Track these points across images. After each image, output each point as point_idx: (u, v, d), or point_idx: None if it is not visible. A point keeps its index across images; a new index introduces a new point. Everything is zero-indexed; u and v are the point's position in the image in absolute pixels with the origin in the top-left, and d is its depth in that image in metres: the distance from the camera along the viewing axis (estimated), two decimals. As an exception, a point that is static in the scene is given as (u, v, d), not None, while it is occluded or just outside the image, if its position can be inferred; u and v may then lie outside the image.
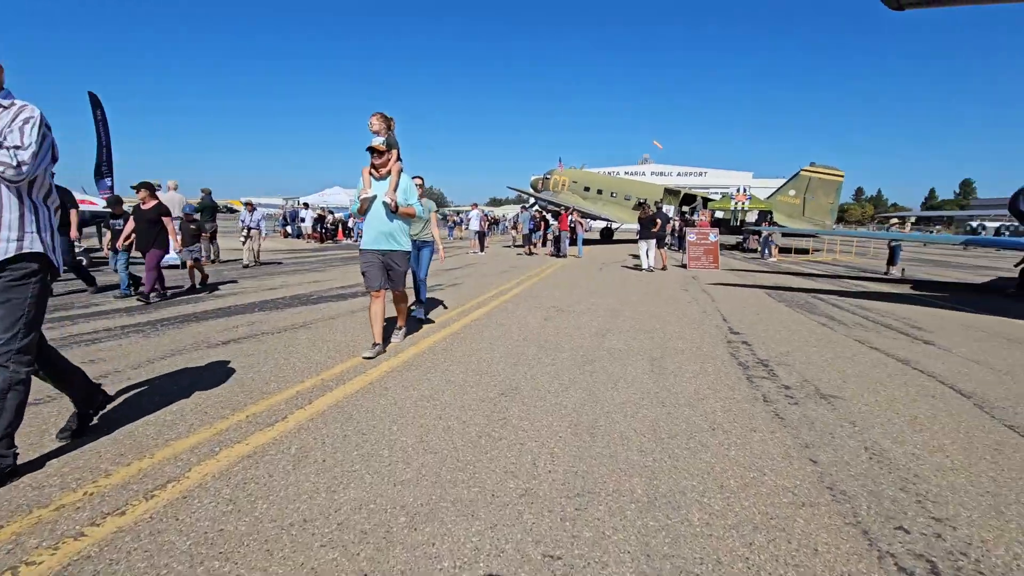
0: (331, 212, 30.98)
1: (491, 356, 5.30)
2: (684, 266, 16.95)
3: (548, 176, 36.75)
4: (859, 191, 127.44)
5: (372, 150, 5.08)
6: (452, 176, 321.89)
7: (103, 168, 15.57)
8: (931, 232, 53.81)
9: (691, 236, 17.10)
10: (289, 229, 31.42)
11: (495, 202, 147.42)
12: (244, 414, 3.54)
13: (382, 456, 2.99)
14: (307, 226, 28.51)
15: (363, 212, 5.20)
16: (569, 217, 20.32)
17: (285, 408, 3.68)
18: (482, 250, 20.72)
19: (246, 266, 13.50)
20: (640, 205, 34.07)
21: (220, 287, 9.78)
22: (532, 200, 35.82)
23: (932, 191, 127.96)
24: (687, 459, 3.06)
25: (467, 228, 21.25)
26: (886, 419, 3.81)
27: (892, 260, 16.27)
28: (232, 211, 42.79)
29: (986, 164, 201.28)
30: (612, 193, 34.76)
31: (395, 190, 5.14)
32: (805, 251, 28.48)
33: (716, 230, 17.35)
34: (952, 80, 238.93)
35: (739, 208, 28.93)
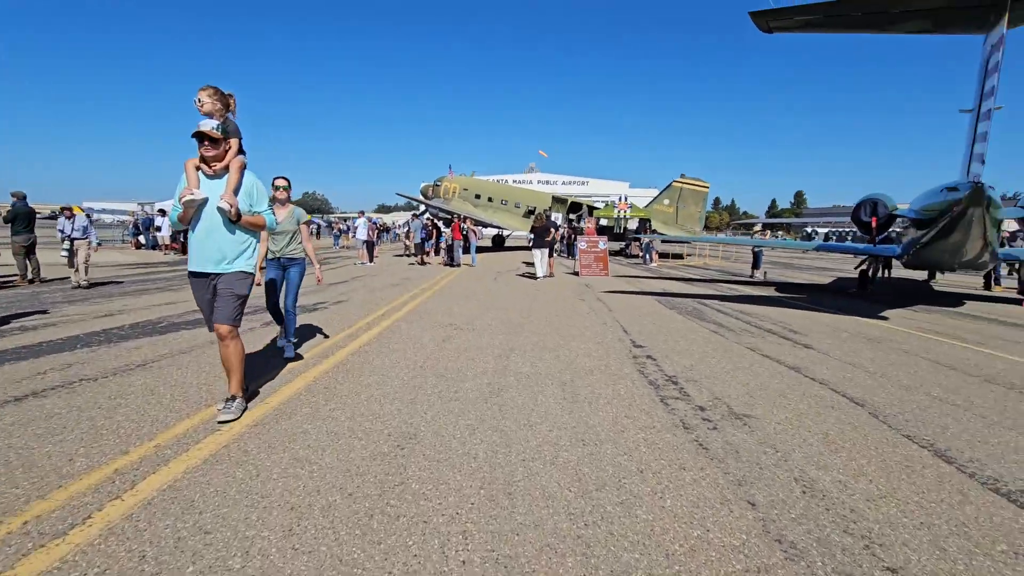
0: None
1: (383, 393, 4.56)
2: (576, 273, 17.20)
3: (439, 183, 36.04)
4: (717, 200, 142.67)
5: (201, 137, 3.73)
6: (338, 181, 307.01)
7: None
8: (778, 237, 61.07)
9: (582, 244, 17.42)
10: (143, 239, 27.42)
11: (384, 209, 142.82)
12: (20, 519, 2.48)
13: (231, 572, 2.17)
14: (164, 235, 24.94)
15: (185, 220, 3.83)
16: (462, 225, 19.80)
17: (92, 500, 2.66)
18: (371, 261, 19.46)
19: (77, 287, 11.15)
20: (530, 213, 34.88)
21: (31, 316, 7.80)
22: (423, 208, 34.87)
23: (774, 201, 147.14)
24: (622, 519, 2.62)
25: (354, 237, 19.82)
26: (801, 439, 3.72)
27: (756, 264, 17.86)
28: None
29: (814, 177, 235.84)
30: (503, 201, 34.90)
31: (234, 192, 3.83)
32: (680, 256, 30.72)
33: (604, 238, 17.87)
34: (794, 99, 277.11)
35: (622, 216, 30.47)
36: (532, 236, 17.57)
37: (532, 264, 21.35)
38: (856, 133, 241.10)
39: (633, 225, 30.88)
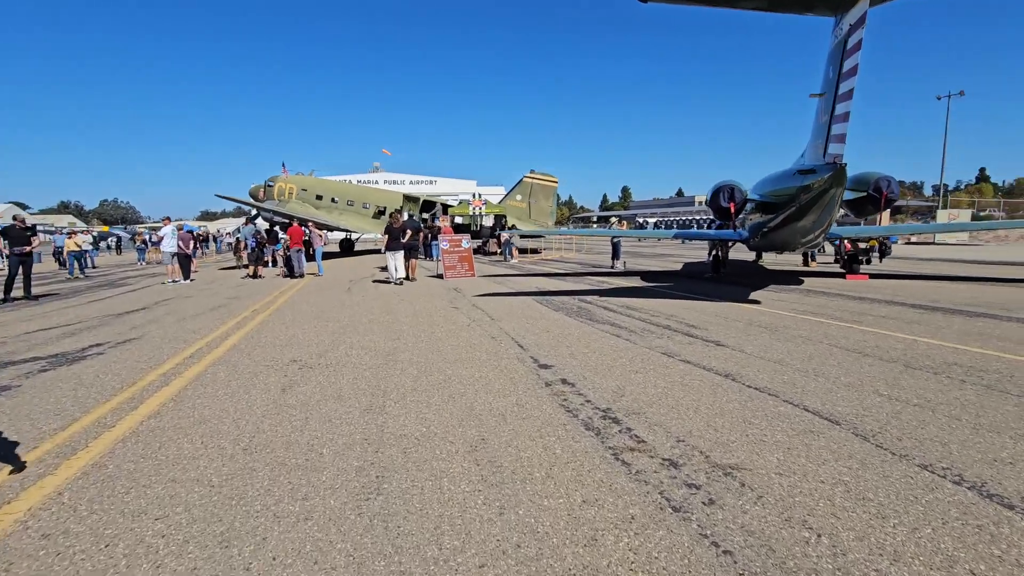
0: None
1: (164, 530, 2.59)
2: (440, 276, 15.65)
3: (271, 184, 31.60)
4: (558, 196, 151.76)
5: None
6: (148, 187, 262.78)
7: None
8: (610, 227, 65.91)
9: (444, 244, 15.90)
10: None
11: (209, 216, 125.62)
12: None
13: None
14: None
15: None
16: (304, 230, 16.96)
17: None
18: (187, 278, 15.70)
19: None
20: (380, 213, 32.31)
21: None
22: (254, 212, 30.27)
23: (605, 196, 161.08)
24: None
25: (162, 249, 15.89)
26: (820, 494, 2.70)
27: (616, 255, 18.04)
28: None
29: (638, 172, 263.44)
30: (349, 201, 31.83)
31: None
32: (536, 251, 30.81)
33: (468, 236, 16.56)
34: (621, 99, 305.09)
35: (478, 213, 29.55)
36: (385, 238, 15.66)
37: (387, 268, 19.37)
38: (672, 131, 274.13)
39: (489, 222, 30.17)
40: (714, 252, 14.63)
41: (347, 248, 34.32)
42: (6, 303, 11.29)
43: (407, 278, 14.93)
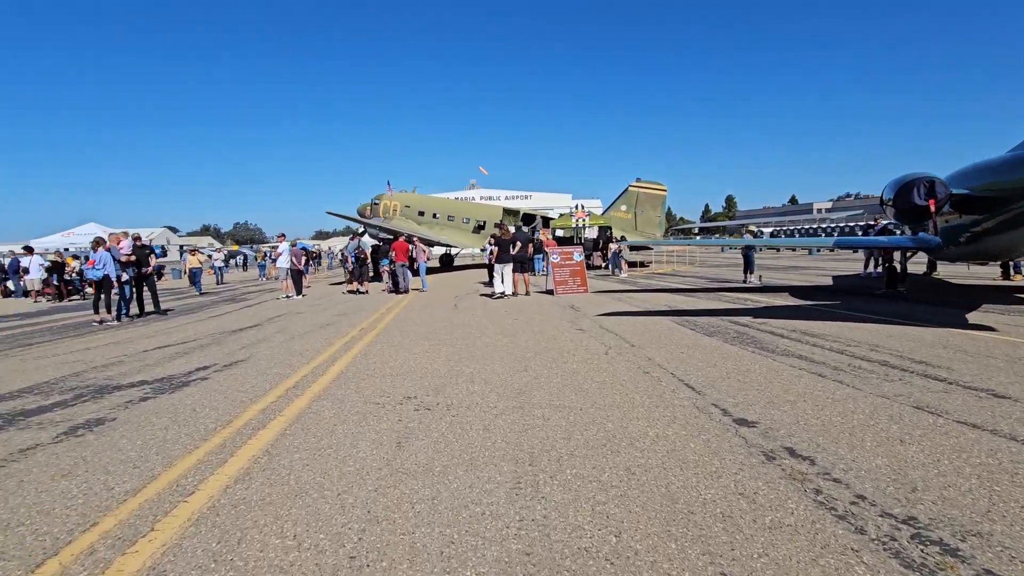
0: (75, 257, 22.64)
1: None
2: (549, 292, 14.38)
3: (377, 202, 32.55)
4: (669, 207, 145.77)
5: None
6: (271, 210, 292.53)
7: None
8: (744, 236, 61.39)
9: (554, 257, 14.64)
10: (11, 285, 22.45)
11: (322, 235, 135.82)
12: None
13: None
14: (34, 278, 20.13)
15: None
16: (409, 245, 16.58)
17: None
18: (299, 293, 15.86)
19: None
20: (480, 228, 31.98)
21: None
22: (361, 228, 31.27)
23: (707, 206, 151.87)
24: None
25: (277, 265, 16.22)
26: None
27: (749, 268, 15.71)
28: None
29: (742, 180, 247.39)
30: (449, 216, 31.88)
31: None
32: (644, 264, 28.69)
33: (580, 248, 15.17)
34: (720, 107, 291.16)
35: (581, 225, 28.13)
36: (493, 249, 14.77)
37: (491, 283, 18.52)
38: (780, 136, 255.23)
39: (592, 234, 28.63)
40: (888, 263, 11.96)
41: (447, 263, 34.42)
42: (135, 318, 11.68)
43: (515, 293, 13.85)
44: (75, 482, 3.27)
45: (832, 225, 56.92)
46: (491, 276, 19.20)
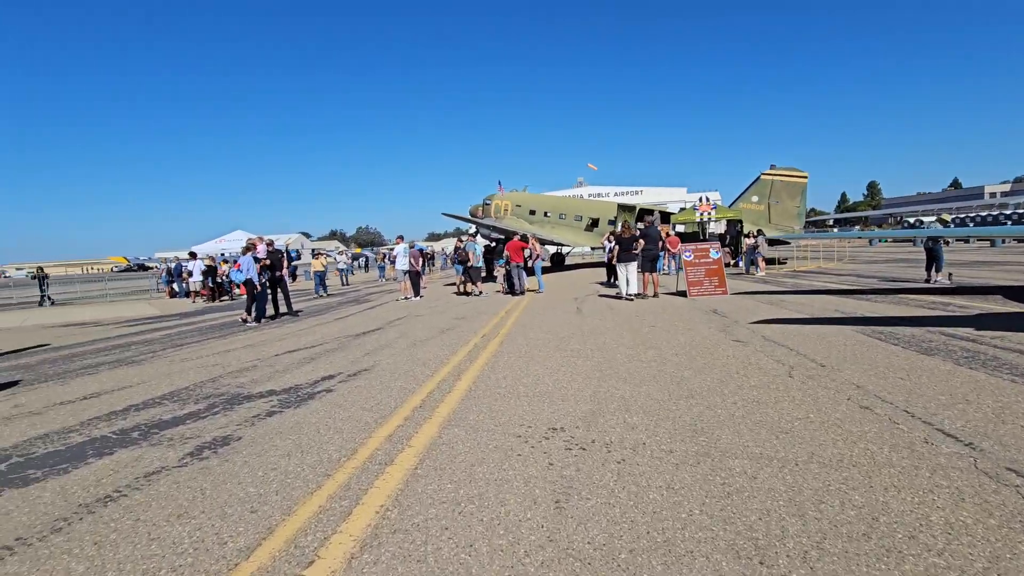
0: (226, 261, 25.11)
1: None
2: (682, 294, 12.87)
3: (488, 202, 32.61)
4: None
5: None
6: (388, 214, 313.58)
7: None
8: (927, 226, 54.01)
9: (687, 254, 13.09)
10: (176, 287, 25.42)
11: (434, 237, 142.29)
12: None
13: None
14: (195, 281, 22.56)
15: None
16: (525, 245, 15.93)
17: None
18: (417, 295, 15.90)
19: None
20: (593, 225, 30.70)
21: None
22: (474, 228, 31.55)
23: (844, 195, 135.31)
24: None
25: (395, 267, 16.40)
26: None
27: (935, 264, 12.88)
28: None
29: (888, 166, 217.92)
30: (561, 215, 30.97)
31: None
32: (781, 262, 25.60)
33: (717, 245, 13.44)
34: (863, 88, 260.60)
35: (705, 219, 25.75)
36: (614, 247, 13.59)
37: (610, 283, 17.29)
38: (932, 113, 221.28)
39: (720, 228, 26.11)
40: None
41: (558, 263, 33.60)
42: (271, 320, 12.18)
43: (642, 294, 12.56)
44: (188, 528, 2.79)
45: (1019, 211, 47.46)
46: (609, 275, 18.04)
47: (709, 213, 25.73)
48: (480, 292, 16.08)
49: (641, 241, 12.48)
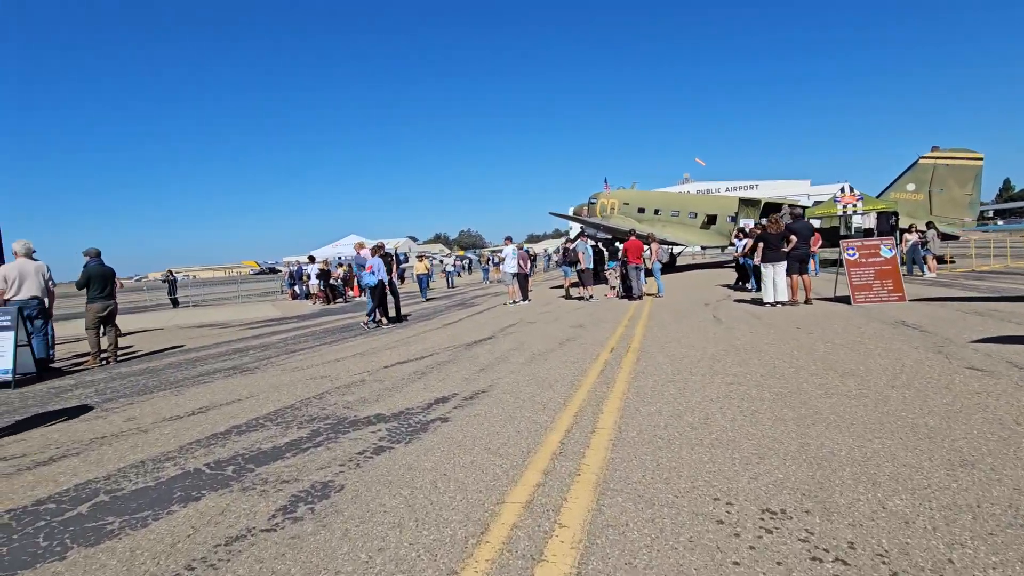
0: (340, 264, 26.12)
1: None
2: (844, 299, 10.67)
3: (594, 201, 31.12)
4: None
5: None
6: (488, 216, 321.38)
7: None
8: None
9: (850, 252, 10.83)
10: (297, 289, 26.90)
11: (534, 239, 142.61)
12: None
13: None
14: (314, 283, 23.62)
15: None
16: (644, 245, 14.39)
17: None
18: (525, 298, 15.01)
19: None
20: (710, 222, 27.95)
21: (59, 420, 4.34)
22: (575, 229, 30.30)
23: (1007, 181, 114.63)
24: None
25: (503, 270, 15.62)
26: None
27: None
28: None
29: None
30: (674, 212, 28.68)
31: None
32: (946, 260, 21.45)
33: (891, 241, 11.00)
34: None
35: (850, 212, 22.23)
36: (746, 243, 11.68)
37: (739, 286, 15.17)
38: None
39: (868, 222, 22.47)
40: None
41: (670, 263, 31.25)
42: (381, 324, 11.87)
43: (791, 301, 10.56)
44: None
45: None
46: (740, 278, 15.91)
47: (854, 205, 22.22)
48: (591, 296, 14.79)
49: (793, 238, 10.49)
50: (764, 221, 11.84)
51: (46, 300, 8.24)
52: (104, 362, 8.82)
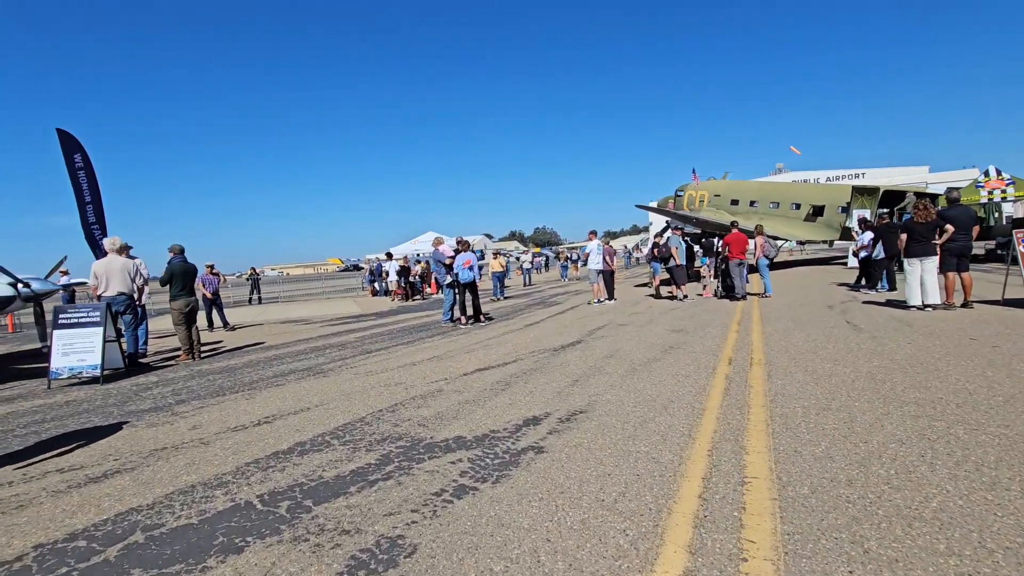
0: (419, 261, 26.17)
1: None
2: (1015, 303, 8.62)
3: (680, 193, 29.11)
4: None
5: None
6: (559, 215, 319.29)
7: (95, 231, 11.48)
8: None
9: (1025, 245, 8.74)
10: (377, 286, 27.30)
11: (609, 235, 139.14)
12: None
13: None
14: (393, 280, 23.76)
15: None
16: (749, 239, 12.75)
17: None
18: (611, 297, 13.87)
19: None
20: (816, 213, 25.10)
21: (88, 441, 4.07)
22: (664, 223, 28.44)
23: None
24: None
25: (585, 267, 14.54)
26: None
27: None
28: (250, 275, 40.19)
29: None
30: (773, 203, 26.11)
31: None
32: None
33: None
34: None
35: (996, 199, 18.89)
36: (869, 240, 9.84)
37: (862, 285, 13.07)
38: None
39: (1021, 211, 19.07)
40: None
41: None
42: (458, 323, 11.26)
43: (946, 303, 8.67)
44: None
45: None
46: (866, 274, 13.80)
47: (1003, 190, 18.91)
48: (684, 296, 13.36)
49: (950, 228, 8.60)
50: (912, 208, 9.92)
51: (136, 296, 8.30)
52: (192, 358, 8.81)
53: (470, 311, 11.40)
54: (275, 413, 5.15)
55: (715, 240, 25.01)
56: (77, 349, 7.17)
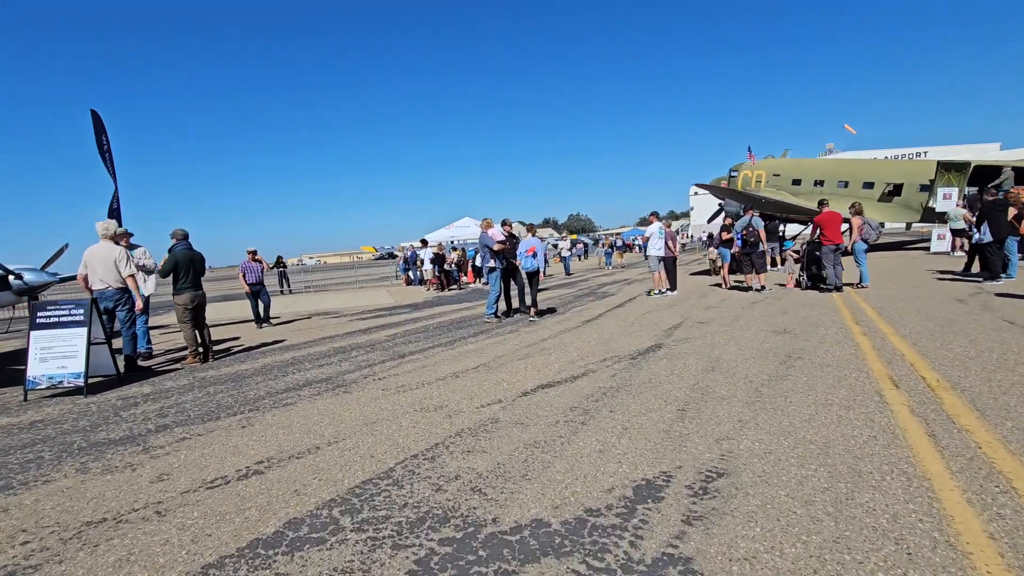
0: (455, 248, 24.79)
1: None
2: None
3: (735, 173, 26.74)
4: None
5: None
6: (598, 202, 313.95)
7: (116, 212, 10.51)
8: None
9: None
10: (411, 275, 26.09)
11: (644, 222, 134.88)
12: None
13: None
14: (427, 269, 22.45)
15: None
16: (843, 220, 10.76)
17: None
18: (673, 288, 12.13)
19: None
20: (893, 192, 22.25)
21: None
22: (718, 205, 26.24)
23: None
24: None
25: (629, 253, 12.77)
26: None
27: None
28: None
29: None
30: (842, 182, 23.59)
31: None
32: None
33: None
34: None
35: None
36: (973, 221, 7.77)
37: (970, 273, 10.91)
38: None
39: None
40: None
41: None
42: (504, 317, 9.77)
43: None
44: None
45: None
46: (973, 263, 11.63)
47: None
48: (762, 287, 11.48)
49: None
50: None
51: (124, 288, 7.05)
52: (200, 359, 7.61)
53: (529, 301, 9.86)
54: (272, 455, 3.75)
55: (776, 222, 22.80)
56: (57, 354, 5.99)
